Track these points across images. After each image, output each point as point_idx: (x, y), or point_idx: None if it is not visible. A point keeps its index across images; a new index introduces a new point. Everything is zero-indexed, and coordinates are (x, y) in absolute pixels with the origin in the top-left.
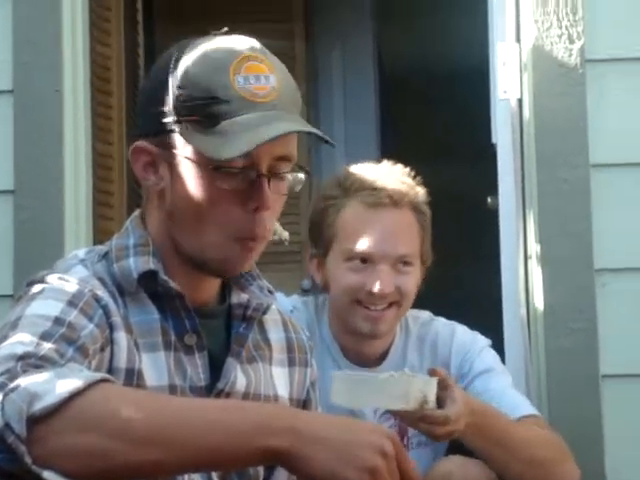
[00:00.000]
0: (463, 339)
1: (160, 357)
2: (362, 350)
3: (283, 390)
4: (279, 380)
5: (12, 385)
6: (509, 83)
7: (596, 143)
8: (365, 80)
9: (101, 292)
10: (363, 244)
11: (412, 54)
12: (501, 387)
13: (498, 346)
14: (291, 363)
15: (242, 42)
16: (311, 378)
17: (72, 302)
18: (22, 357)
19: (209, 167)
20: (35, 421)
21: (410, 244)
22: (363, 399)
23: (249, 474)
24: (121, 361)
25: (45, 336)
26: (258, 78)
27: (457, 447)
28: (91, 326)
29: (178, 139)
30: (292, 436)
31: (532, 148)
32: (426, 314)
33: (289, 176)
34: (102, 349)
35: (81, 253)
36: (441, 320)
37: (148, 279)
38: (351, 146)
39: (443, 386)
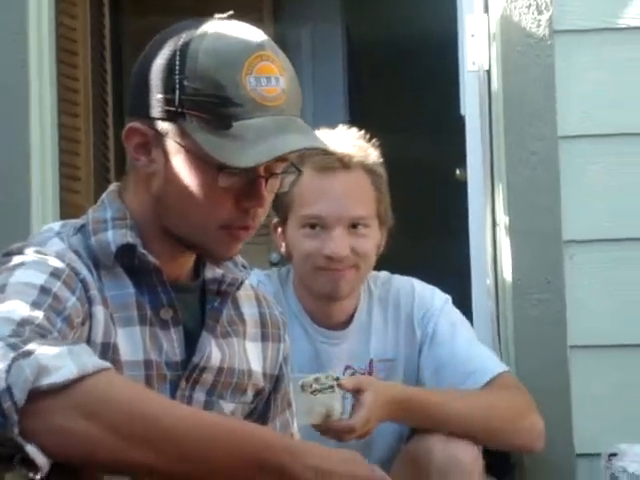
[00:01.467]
0: (423, 293)
1: (135, 332)
2: (328, 314)
3: (256, 365)
4: (252, 355)
5: (25, 349)
6: (477, 54)
7: (564, 114)
8: (333, 52)
9: (78, 265)
10: (316, 209)
11: (380, 25)
12: (466, 349)
13: (467, 317)
14: (264, 338)
15: (252, 36)
16: (284, 353)
17: (55, 274)
18: (21, 323)
19: (212, 165)
20: (38, 394)
21: (364, 206)
22: None
23: None
24: (98, 335)
25: (35, 304)
26: (269, 80)
27: None
28: (74, 299)
29: (179, 129)
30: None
31: (500, 119)
32: (384, 273)
33: None
34: (83, 323)
35: (56, 226)
36: (398, 276)
37: (125, 253)
38: (319, 118)
39: (357, 390)
